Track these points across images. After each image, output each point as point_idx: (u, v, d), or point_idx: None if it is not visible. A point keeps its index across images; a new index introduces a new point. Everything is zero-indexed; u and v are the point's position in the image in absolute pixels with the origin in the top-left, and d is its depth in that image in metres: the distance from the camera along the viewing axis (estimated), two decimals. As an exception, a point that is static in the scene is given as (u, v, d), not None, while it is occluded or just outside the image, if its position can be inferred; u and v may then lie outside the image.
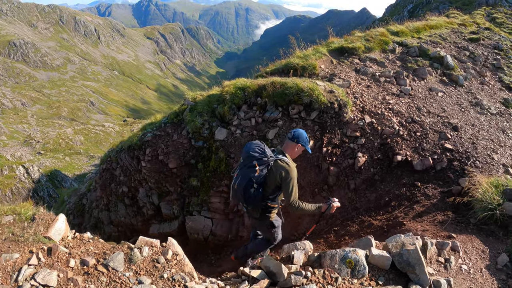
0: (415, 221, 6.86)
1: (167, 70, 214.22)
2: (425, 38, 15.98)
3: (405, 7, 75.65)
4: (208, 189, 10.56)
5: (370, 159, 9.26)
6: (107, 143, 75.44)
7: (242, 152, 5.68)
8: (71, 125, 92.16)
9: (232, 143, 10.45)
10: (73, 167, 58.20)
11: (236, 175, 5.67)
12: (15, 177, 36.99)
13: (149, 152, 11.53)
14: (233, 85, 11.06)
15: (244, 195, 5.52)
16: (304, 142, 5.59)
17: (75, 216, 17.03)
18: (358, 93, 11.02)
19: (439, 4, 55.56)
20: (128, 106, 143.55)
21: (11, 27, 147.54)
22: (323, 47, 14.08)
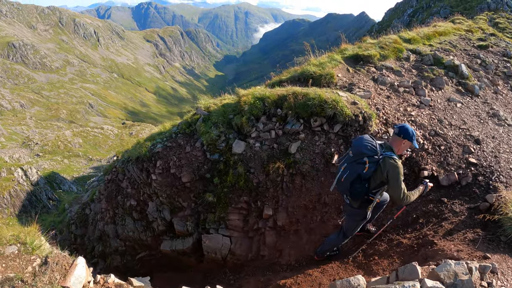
0: (446, 239, 6.67)
1: (166, 73, 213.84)
2: (436, 45, 15.71)
3: (405, 12, 75.72)
4: (225, 206, 9.99)
5: None
6: (106, 145, 75.13)
7: (353, 147, 5.95)
8: (70, 127, 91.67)
9: (251, 157, 9.87)
10: (72, 169, 57.77)
11: (344, 169, 6.02)
12: (13, 180, 36.34)
13: (160, 165, 10.93)
14: (251, 94, 10.44)
15: (350, 189, 5.94)
16: (410, 137, 5.78)
17: (78, 227, 16.33)
18: (379, 104, 10.72)
19: (439, 8, 55.48)
20: (127, 109, 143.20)
21: (10, 28, 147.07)
22: (337, 55, 13.66)
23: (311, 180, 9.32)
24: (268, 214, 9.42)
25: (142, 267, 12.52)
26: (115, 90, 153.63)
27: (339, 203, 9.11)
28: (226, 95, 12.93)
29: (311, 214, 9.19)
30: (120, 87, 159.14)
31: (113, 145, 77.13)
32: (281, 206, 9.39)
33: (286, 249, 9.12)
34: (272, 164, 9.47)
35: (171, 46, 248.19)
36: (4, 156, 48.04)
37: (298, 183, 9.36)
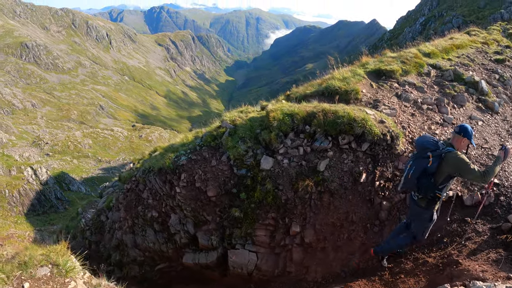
0: (470, 259, 6.69)
1: (177, 77, 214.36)
2: (454, 59, 15.56)
3: (417, 20, 75.59)
4: (252, 221, 9.95)
5: None
6: (115, 147, 75.36)
7: (417, 144, 6.54)
8: (80, 128, 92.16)
9: (279, 174, 9.81)
10: (81, 170, 58.01)
11: (410, 166, 6.45)
12: (23, 178, 36.40)
13: (185, 178, 10.85)
14: (280, 110, 10.40)
15: (418, 183, 6.39)
16: (469, 136, 6.16)
17: (93, 233, 16.31)
18: (405, 122, 10.70)
19: (452, 17, 55.34)
20: (137, 112, 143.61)
21: (24, 29, 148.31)
22: (359, 69, 13.58)
23: (339, 198, 9.33)
24: (296, 231, 9.42)
25: (161, 278, 12.51)
26: (125, 92, 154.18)
27: (366, 222, 9.12)
28: (249, 107, 12.89)
29: (338, 232, 9.22)
30: (131, 90, 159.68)
31: (122, 147, 77.37)
32: (308, 223, 9.40)
33: (313, 266, 9.16)
34: (301, 181, 9.43)
35: (182, 50, 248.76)
36: (14, 154, 48.31)
37: (326, 201, 9.38)
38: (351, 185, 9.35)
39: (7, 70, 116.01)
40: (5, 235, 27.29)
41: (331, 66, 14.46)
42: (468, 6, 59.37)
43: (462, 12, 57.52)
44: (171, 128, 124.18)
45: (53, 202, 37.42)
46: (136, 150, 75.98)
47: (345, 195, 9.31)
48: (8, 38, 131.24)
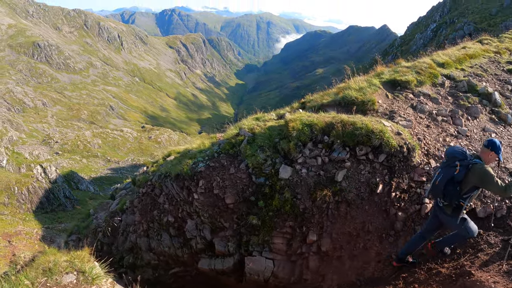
0: (482, 270, 6.82)
1: (187, 79, 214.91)
2: (468, 69, 15.51)
3: (428, 26, 75.37)
4: (270, 229, 10.10)
5: None
6: (124, 148, 75.67)
7: (446, 153, 6.88)
8: (90, 128, 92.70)
9: (298, 183, 9.95)
10: (90, 169, 58.31)
11: (438, 173, 6.84)
12: (32, 176, 36.62)
13: (203, 184, 11.01)
14: (299, 120, 10.56)
15: (444, 190, 6.68)
16: (497, 150, 6.43)
17: (105, 235, 16.33)
18: (420, 134, 10.81)
19: (463, 24, 55.20)
20: (147, 113, 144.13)
21: (36, 29, 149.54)
22: (375, 79, 13.65)
23: (356, 208, 9.48)
24: (313, 240, 9.57)
25: (175, 282, 12.65)
26: (136, 94, 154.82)
27: (381, 232, 9.24)
28: (265, 114, 13.12)
29: (355, 241, 9.34)
30: (141, 91, 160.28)
31: (131, 147, 77.69)
32: (325, 232, 9.56)
33: (329, 274, 9.30)
34: (320, 191, 9.59)
35: (193, 53, 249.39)
36: (24, 152, 48.63)
37: (343, 211, 9.53)
38: (368, 195, 9.50)
39: (19, 69, 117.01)
40: (13, 231, 27.43)
41: (347, 75, 14.55)
42: (480, 13, 59.22)
43: (473, 19, 57.40)
44: (180, 130, 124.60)
45: (61, 201, 37.66)
46: (145, 151, 76.32)
47: (361, 205, 9.46)
48: (20, 38, 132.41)
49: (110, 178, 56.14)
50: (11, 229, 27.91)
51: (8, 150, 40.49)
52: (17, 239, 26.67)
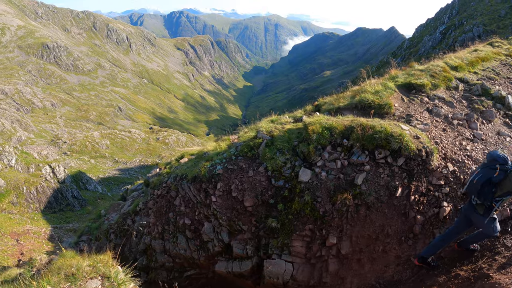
0: (500, 273, 6.91)
1: (195, 81, 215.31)
2: (480, 72, 15.60)
3: (437, 28, 74.86)
4: (289, 232, 10.13)
5: (454, 208, 9.26)
6: (132, 149, 75.78)
7: (488, 155, 7.11)
8: (98, 128, 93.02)
9: (317, 186, 9.98)
10: (98, 170, 58.40)
11: (477, 173, 7.07)
12: (41, 176, 36.71)
13: (221, 187, 11.07)
14: (318, 123, 10.62)
15: (480, 190, 6.95)
16: None
17: (118, 236, 16.35)
18: (437, 138, 10.88)
19: (472, 26, 54.84)
20: (155, 114, 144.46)
21: (45, 30, 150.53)
22: (390, 82, 13.71)
23: (375, 212, 9.50)
24: (333, 243, 9.59)
25: (189, 285, 12.70)
26: (144, 95, 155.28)
27: (400, 235, 9.27)
28: (281, 117, 13.18)
29: (374, 244, 9.37)
30: (149, 93, 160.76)
31: (139, 148, 77.76)
32: (345, 235, 9.57)
33: (348, 277, 9.34)
34: (340, 194, 9.63)
35: (201, 55, 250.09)
36: (32, 152, 48.67)
37: (363, 214, 9.55)
38: (387, 199, 9.51)
39: (28, 69, 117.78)
40: (21, 230, 27.45)
41: (362, 78, 14.72)
42: (489, 15, 58.83)
43: (482, 21, 57.04)
44: (188, 132, 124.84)
45: (69, 201, 37.74)
46: (153, 153, 76.39)
47: (381, 209, 9.47)
48: (29, 39, 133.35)
49: (118, 179, 56.20)
50: (19, 228, 27.93)
51: (17, 150, 40.54)
52: (25, 238, 26.65)
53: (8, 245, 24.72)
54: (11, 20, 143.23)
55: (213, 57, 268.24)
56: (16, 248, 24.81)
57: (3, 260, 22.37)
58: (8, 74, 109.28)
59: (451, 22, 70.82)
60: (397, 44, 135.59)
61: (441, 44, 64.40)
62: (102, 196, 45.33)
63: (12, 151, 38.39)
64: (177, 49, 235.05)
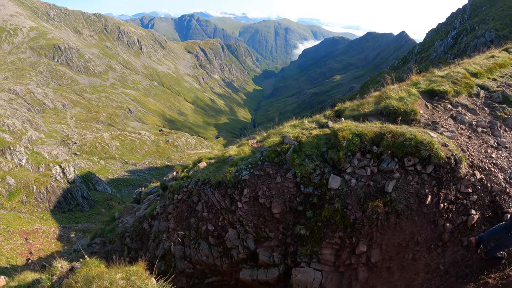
0: None
1: (205, 84, 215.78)
2: (499, 79, 15.51)
3: (448, 33, 74.14)
4: (319, 240, 10.08)
5: (481, 216, 9.28)
6: (142, 150, 75.88)
7: None
8: (108, 130, 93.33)
9: (348, 193, 9.96)
10: (107, 171, 58.56)
11: None
12: (51, 176, 36.87)
13: (247, 193, 10.99)
14: (348, 130, 10.64)
15: None
16: None
17: (133, 240, 16.22)
18: (463, 145, 10.90)
19: (484, 31, 54.27)
20: (165, 117, 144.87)
21: (57, 32, 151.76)
22: (412, 88, 13.75)
23: (405, 219, 9.48)
24: (362, 250, 9.51)
25: None
26: (154, 97, 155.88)
27: (430, 243, 9.24)
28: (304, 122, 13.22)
29: (404, 252, 9.32)
30: (160, 95, 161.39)
31: (149, 150, 77.81)
32: (375, 243, 9.52)
33: (378, 285, 9.31)
34: (371, 202, 9.60)
35: (211, 58, 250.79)
36: (43, 152, 48.96)
37: (393, 222, 9.53)
38: (417, 206, 9.48)
39: (39, 70, 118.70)
40: (30, 229, 27.42)
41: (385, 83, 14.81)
42: (501, 20, 58.32)
43: (494, 25, 56.53)
44: (198, 135, 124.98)
45: (79, 201, 37.96)
46: (162, 155, 76.37)
47: (411, 216, 9.45)
48: (41, 40, 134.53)
49: (127, 180, 56.27)
50: (28, 227, 27.96)
51: (28, 149, 40.61)
52: (34, 237, 26.58)
53: (17, 244, 24.61)
54: (23, 21, 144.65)
55: (223, 60, 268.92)
56: (25, 247, 24.68)
57: (12, 258, 22.21)
58: (20, 74, 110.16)
59: (463, 27, 70.17)
60: (408, 49, 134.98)
61: (453, 49, 63.87)
62: (111, 197, 45.34)
63: (23, 150, 38.51)
64: (188, 52, 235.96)
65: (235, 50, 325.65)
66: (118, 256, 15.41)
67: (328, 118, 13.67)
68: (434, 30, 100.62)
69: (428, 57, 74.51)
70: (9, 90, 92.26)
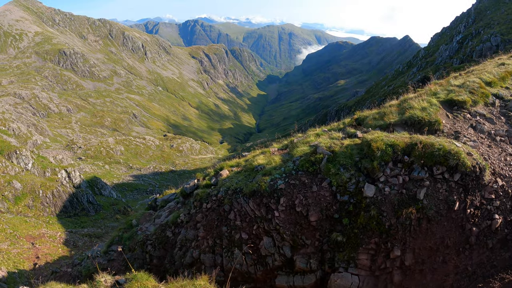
0: None
1: (210, 89, 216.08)
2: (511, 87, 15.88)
3: (454, 38, 73.79)
4: (355, 246, 10.55)
5: (504, 220, 9.96)
6: (146, 155, 75.87)
7: None
8: (113, 135, 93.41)
9: (382, 201, 10.45)
10: (112, 175, 58.58)
11: None
12: (57, 180, 36.74)
13: (284, 202, 11.40)
14: (381, 141, 11.17)
15: None
16: None
17: (156, 248, 16.21)
18: (485, 154, 11.44)
19: (490, 36, 54.02)
20: (169, 122, 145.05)
21: (62, 37, 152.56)
22: (432, 98, 14.20)
23: (436, 224, 10.04)
24: (397, 255, 10.01)
25: None
26: (158, 102, 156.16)
27: (458, 246, 9.90)
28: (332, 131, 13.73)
29: (435, 255, 9.93)
30: (164, 100, 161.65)
31: (153, 155, 77.78)
32: (408, 247, 10.04)
33: (412, 287, 9.88)
34: (405, 209, 10.12)
35: (216, 63, 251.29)
36: (48, 156, 48.93)
37: (424, 227, 10.06)
38: (446, 212, 10.06)
39: (44, 75, 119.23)
40: (37, 234, 27.30)
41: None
42: (506, 24, 58.36)
43: (500, 30, 56.37)
44: (202, 140, 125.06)
45: (84, 205, 37.96)
46: (166, 160, 76.27)
47: (440, 222, 10.02)
48: (46, 45, 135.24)
49: (132, 185, 56.22)
50: (35, 232, 27.89)
51: (34, 153, 40.44)
52: (41, 242, 26.46)
53: (24, 248, 24.45)
54: (29, 26, 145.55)
55: (227, 65, 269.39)
56: (32, 252, 24.50)
57: (19, 263, 22.03)
58: (25, 79, 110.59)
59: (468, 31, 69.82)
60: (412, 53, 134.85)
61: (458, 54, 63.62)
62: (116, 202, 45.22)
63: (29, 154, 38.41)
64: (192, 57, 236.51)
65: (239, 55, 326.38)
66: (141, 263, 15.85)
67: (349, 125, 14.23)
68: (438, 35, 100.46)
69: (434, 61, 74.18)
70: (15, 94, 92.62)
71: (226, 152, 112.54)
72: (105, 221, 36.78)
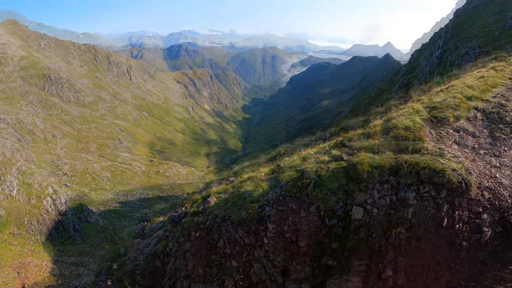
0: None
1: (195, 114, 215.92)
2: (492, 100, 16.36)
3: (433, 53, 75.55)
4: (346, 269, 10.54)
5: (493, 232, 10.17)
6: (133, 182, 75.31)
7: None
8: (99, 160, 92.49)
9: (371, 223, 10.56)
10: (98, 202, 58.07)
11: None
12: (42, 207, 36.30)
13: (273, 229, 11.47)
14: (367, 163, 11.28)
15: None
16: None
17: (145, 278, 16.09)
18: (470, 168, 11.61)
19: (468, 49, 55.37)
20: (155, 147, 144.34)
21: (47, 61, 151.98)
22: (415, 116, 14.45)
23: (426, 242, 10.15)
24: (388, 275, 10.05)
25: None
26: (144, 128, 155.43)
27: (449, 261, 10.04)
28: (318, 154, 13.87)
29: (427, 272, 10.02)
30: (149, 125, 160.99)
31: (140, 181, 77.26)
32: (399, 266, 10.09)
33: None
34: (394, 229, 10.25)
35: (200, 87, 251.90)
36: (33, 183, 48.19)
37: (414, 245, 10.16)
38: (435, 229, 10.19)
39: (29, 100, 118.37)
40: (22, 263, 26.81)
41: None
42: (483, 37, 59.85)
43: (478, 43, 57.92)
44: (188, 165, 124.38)
45: (71, 233, 37.44)
46: (153, 186, 75.81)
47: (430, 239, 10.12)
48: (32, 70, 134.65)
49: (118, 212, 55.71)
50: (20, 260, 27.47)
51: (19, 180, 39.99)
52: (26, 271, 26.07)
53: (9, 278, 24.05)
54: (15, 50, 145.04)
55: (212, 89, 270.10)
56: (17, 281, 24.10)
57: (5, 293, 21.56)
58: (10, 103, 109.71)
59: (447, 46, 71.33)
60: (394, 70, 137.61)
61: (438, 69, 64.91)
62: (103, 229, 44.70)
63: (14, 181, 38.02)
64: (177, 82, 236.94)
65: (224, 79, 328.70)
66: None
67: (334, 148, 14.42)
68: (418, 51, 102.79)
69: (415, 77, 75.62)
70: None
71: (213, 176, 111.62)
72: (92, 249, 36.32)
